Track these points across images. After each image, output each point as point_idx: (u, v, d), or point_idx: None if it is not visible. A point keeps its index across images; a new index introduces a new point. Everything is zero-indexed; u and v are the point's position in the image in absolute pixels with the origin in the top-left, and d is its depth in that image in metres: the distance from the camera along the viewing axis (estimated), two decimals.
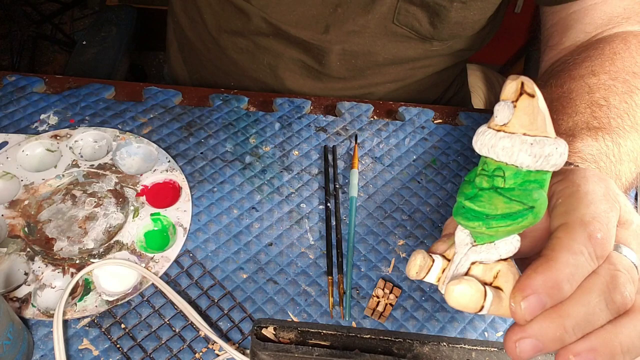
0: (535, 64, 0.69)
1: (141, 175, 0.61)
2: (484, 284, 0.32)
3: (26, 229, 0.56)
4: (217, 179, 0.62)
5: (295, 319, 0.53)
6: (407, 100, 0.79)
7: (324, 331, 0.42)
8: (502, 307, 0.32)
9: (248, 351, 0.50)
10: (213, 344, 0.51)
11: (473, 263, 0.33)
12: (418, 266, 0.33)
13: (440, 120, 0.70)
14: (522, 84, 0.30)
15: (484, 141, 0.31)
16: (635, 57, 0.58)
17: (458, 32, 0.70)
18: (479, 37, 0.74)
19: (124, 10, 1.40)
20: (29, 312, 0.51)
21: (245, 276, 0.56)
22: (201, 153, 0.64)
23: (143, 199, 0.59)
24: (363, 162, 0.65)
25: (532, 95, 0.30)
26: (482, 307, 0.31)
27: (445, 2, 0.66)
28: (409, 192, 0.63)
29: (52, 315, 0.50)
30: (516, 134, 0.30)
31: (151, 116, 0.66)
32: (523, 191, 0.30)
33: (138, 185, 0.60)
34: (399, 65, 0.75)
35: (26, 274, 0.53)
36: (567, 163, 0.46)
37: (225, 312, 0.53)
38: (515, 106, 0.30)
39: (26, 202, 0.57)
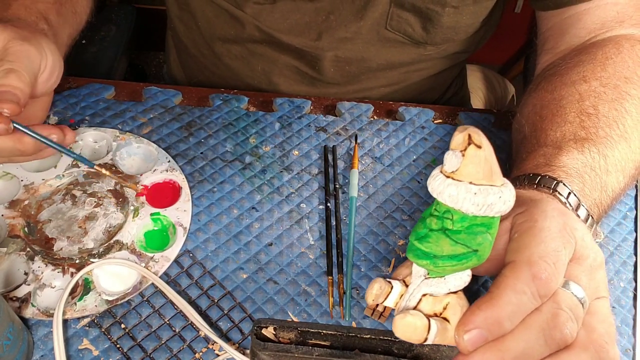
0: (534, 64, 0.69)
1: (141, 175, 0.61)
2: (434, 314, 0.34)
3: (26, 229, 0.56)
4: (217, 179, 0.62)
5: (295, 319, 0.53)
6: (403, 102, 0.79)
7: (324, 331, 0.42)
8: (448, 337, 0.34)
9: (248, 351, 0.50)
10: (213, 344, 0.51)
11: (424, 295, 0.35)
12: (374, 295, 0.36)
13: (440, 120, 0.71)
14: (470, 135, 0.32)
15: (434, 186, 0.33)
16: (628, 61, 0.58)
17: (451, 37, 0.70)
18: (473, 40, 0.74)
19: (123, 9, 1.40)
20: (29, 312, 0.51)
21: (245, 276, 0.56)
22: (201, 153, 0.64)
23: (143, 198, 0.59)
24: (363, 162, 0.65)
25: (479, 146, 0.31)
26: (426, 338, 0.34)
27: (437, 7, 0.66)
28: (409, 192, 0.63)
29: (52, 315, 0.50)
30: (463, 182, 0.32)
31: (151, 116, 0.66)
32: (469, 234, 0.33)
33: (138, 185, 0.60)
34: (393, 70, 0.75)
35: (26, 273, 0.53)
36: (552, 178, 0.47)
37: (225, 312, 0.53)
38: (463, 155, 0.32)
39: (26, 202, 0.57)
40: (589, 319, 0.36)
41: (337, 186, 0.62)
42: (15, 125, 0.50)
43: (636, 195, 0.65)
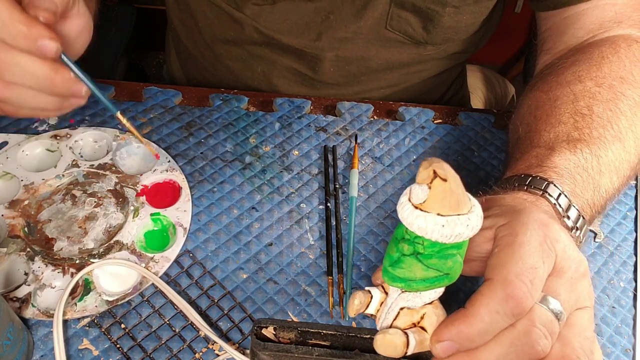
0: (534, 65, 0.69)
1: (141, 175, 0.61)
2: (412, 324, 0.37)
3: (26, 229, 0.56)
4: (217, 179, 0.62)
5: (295, 319, 0.53)
6: None
7: (324, 331, 0.42)
8: (425, 346, 0.37)
9: (248, 351, 0.50)
10: (213, 344, 0.51)
11: (402, 308, 0.37)
12: (356, 309, 0.38)
13: (440, 120, 0.71)
14: (434, 170, 0.33)
15: (403, 215, 0.34)
16: (624, 60, 0.58)
17: (452, 36, 0.70)
18: (473, 40, 0.74)
19: (123, 9, 1.40)
20: (29, 312, 0.51)
21: (245, 276, 0.56)
22: (201, 153, 0.64)
23: (143, 199, 0.59)
24: (363, 162, 0.65)
25: (444, 180, 0.32)
26: (405, 353, 0.36)
27: (437, 7, 0.66)
28: None
29: (52, 315, 0.50)
30: (431, 214, 0.33)
31: (151, 116, 0.66)
32: (440, 259, 0.34)
33: (138, 185, 0.60)
34: (393, 70, 0.75)
35: (26, 274, 0.53)
36: (542, 179, 0.47)
37: (225, 312, 0.53)
38: (429, 188, 0.33)
39: (26, 202, 0.57)
40: (565, 332, 0.37)
41: (337, 186, 0.62)
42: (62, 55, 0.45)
43: (636, 195, 0.65)
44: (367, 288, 0.39)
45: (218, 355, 0.50)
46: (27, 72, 0.43)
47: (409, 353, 0.36)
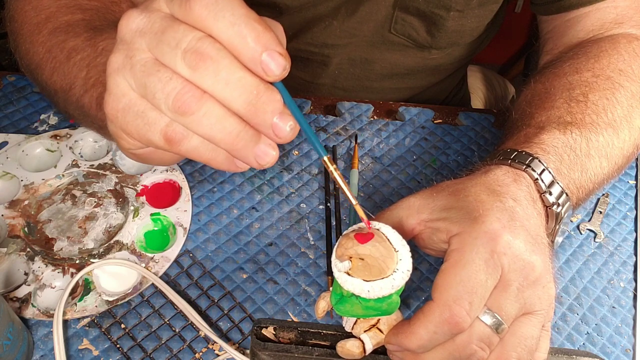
0: (535, 65, 0.69)
1: (141, 175, 0.61)
2: (370, 327, 0.40)
3: (26, 229, 0.56)
4: (217, 179, 0.62)
5: (295, 319, 0.53)
6: None
7: (324, 331, 0.42)
8: (382, 344, 0.41)
9: (248, 351, 0.50)
10: (213, 344, 0.51)
11: None
12: (322, 310, 0.41)
13: (440, 120, 0.71)
14: (350, 257, 0.36)
15: (336, 273, 0.37)
16: (623, 54, 0.58)
17: (456, 40, 0.70)
18: (476, 43, 0.74)
19: None
20: (29, 312, 0.51)
21: (245, 276, 0.56)
22: None
23: (143, 199, 0.59)
24: (363, 162, 0.65)
25: (361, 259, 0.36)
26: (364, 354, 0.40)
27: (442, 12, 0.66)
28: (409, 192, 0.63)
29: (52, 315, 0.50)
30: (357, 280, 0.36)
31: None
32: (376, 302, 0.37)
33: (138, 185, 0.60)
34: (397, 78, 0.75)
35: (26, 274, 0.53)
36: (528, 154, 0.47)
37: (225, 312, 0.53)
38: (350, 261, 0.36)
39: (26, 202, 0.57)
40: (506, 341, 0.39)
41: (337, 186, 0.62)
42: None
43: (636, 195, 0.65)
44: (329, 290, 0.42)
45: (218, 355, 0.50)
46: (230, 76, 0.31)
47: (367, 353, 0.40)
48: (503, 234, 0.40)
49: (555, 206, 0.46)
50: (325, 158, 0.36)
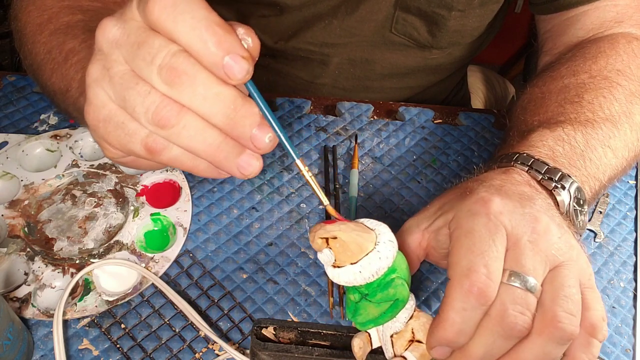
0: (535, 66, 0.69)
1: (141, 175, 0.61)
2: (409, 342, 0.39)
3: (26, 229, 0.56)
4: (217, 179, 0.62)
5: (295, 319, 0.53)
6: None
7: (324, 331, 0.42)
8: (427, 355, 0.39)
9: (248, 351, 0.50)
10: (213, 344, 0.51)
11: (392, 336, 0.39)
12: (362, 352, 0.40)
13: (440, 120, 0.71)
14: (321, 238, 0.36)
15: (330, 277, 0.37)
16: (622, 55, 0.57)
17: (457, 40, 0.70)
18: (478, 44, 0.74)
19: None
20: (29, 312, 0.51)
21: (245, 276, 0.56)
22: None
23: (143, 199, 0.59)
24: (363, 162, 0.65)
25: (334, 238, 0.36)
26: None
27: (443, 11, 0.66)
28: (409, 192, 0.63)
29: (52, 315, 0.50)
30: (345, 267, 0.36)
31: None
32: (382, 291, 0.37)
33: (138, 185, 0.60)
34: (398, 77, 0.75)
35: (26, 274, 0.53)
36: (515, 153, 0.46)
37: (225, 312, 0.53)
38: (330, 249, 0.36)
39: (26, 202, 0.57)
40: (544, 297, 0.37)
41: (337, 186, 0.62)
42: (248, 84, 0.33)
43: (636, 195, 0.65)
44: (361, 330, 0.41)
45: (218, 355, 0.50)
46: (207, 91, 0.31)
47: None
48: (493, 198, 0.39)
49: (560, 189, 0.44)
50: (298, 161, 0.36)
